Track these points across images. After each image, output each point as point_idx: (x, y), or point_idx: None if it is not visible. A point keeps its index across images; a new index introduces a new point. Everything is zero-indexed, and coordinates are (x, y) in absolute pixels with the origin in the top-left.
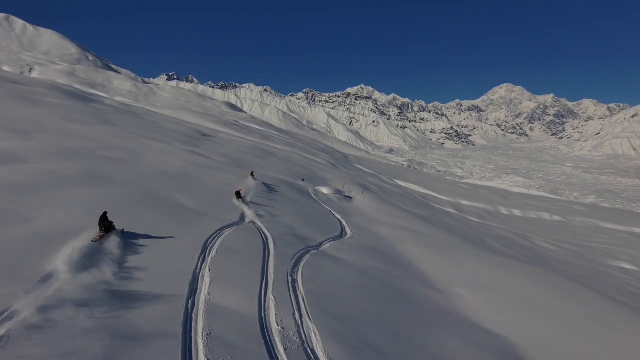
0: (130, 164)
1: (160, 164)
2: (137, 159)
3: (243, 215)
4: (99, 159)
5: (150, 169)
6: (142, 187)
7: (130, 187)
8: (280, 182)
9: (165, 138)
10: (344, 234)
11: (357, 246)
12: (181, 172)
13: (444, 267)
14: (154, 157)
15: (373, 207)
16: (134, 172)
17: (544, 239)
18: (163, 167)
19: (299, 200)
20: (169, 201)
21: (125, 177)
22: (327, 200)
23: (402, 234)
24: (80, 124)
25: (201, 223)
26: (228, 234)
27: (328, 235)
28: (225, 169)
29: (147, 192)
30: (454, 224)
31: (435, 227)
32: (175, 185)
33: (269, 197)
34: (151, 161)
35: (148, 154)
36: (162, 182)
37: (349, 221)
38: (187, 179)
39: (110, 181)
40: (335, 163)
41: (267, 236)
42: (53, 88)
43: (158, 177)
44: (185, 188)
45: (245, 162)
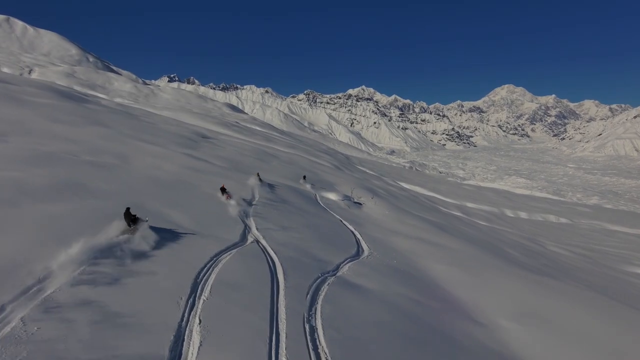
0: (117, 170)
1: (152, 170)
2: (125, 165)
3: (245, 230)
4: (81, 164)
5: (139, 176)
6: (126, 199)
7: (111, 200)
8: (285, 188)
9: (161, 140)
10: (360, 251)
11: (379, 267)
12: (175, 178)
13: (478, 290)
14: (145, 161)
15: (385, 214)
16: (120, 180)
17: (555, 243)
18: (155, 173)
19: (306, 209)
20: (157, 217)
21: (108, 187)
22: (336, 207)
23: (421, 247)
24: (68, 125)
25: (194, 246)
26: (227, 261)
27: (344, 254)
28: (225, 173)
29: (131, 206)
30: (468, 231)
31: (452, 237)
32: (166, 196)
33: (274, 206)
34: (142, 166)
35: (139, 158)
36: (151, 192)
37: (363, 233)
38: (181, 188)
39: (88, 192)
40: (338, 165)
41: (275, 260)
42: (45, 88)
43: (147, 185)
44: (178, 199)
45: (247, 165)
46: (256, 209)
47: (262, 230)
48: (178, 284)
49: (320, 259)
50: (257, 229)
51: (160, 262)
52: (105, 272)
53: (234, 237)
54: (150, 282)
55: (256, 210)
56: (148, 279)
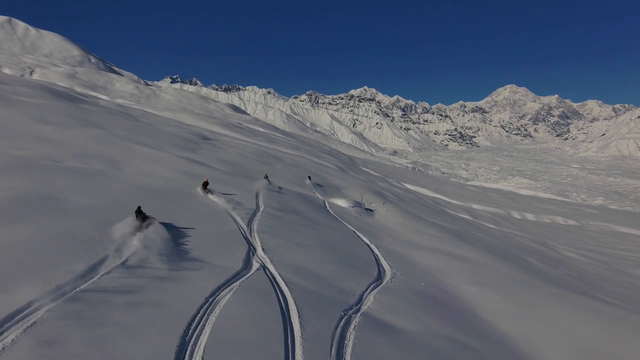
0: (103, 178)
1: (144, 177)
2: (114, 171)
3: (249, 252)
4: (61, 172)
5: (128, 185)
6: (106, 216)
7: (86, 218)
8: (291, 194)
9: (158, 142)
10: (382, 272)
11: (407, 294)
12: (168, 186)
13: (523, 321)
14: (137, 166)
15: (399, 222)
16: (104, 190)
17: (567, 247)
18: (146, 181)
19: (316, 220)
20: None
21: (87, 200)
22: (346, 215)
23: (445, 262)
24: (56, 127)
25: (184, 282)
26: (226, 302)
27: (365, 277)
28: (226, 179)
29: (110, 225)
30: (484, 238)
31: (472, 247)
32: (157, 209)
33: (281, 218)
34: (132, 173)
35: (131, 163)
36: (139, 204)
37: (380, 246)
38: (175, 198)
39: (60, 209)
40: (343, 167)
41: (287, 297)
42: (39, 88)
43: (135, 196)
44: (170, 213)
45: (250, 169)
46: (262, 221)
47: (270, 250)
48: (157, 349)
49: (339, 288)
50: (263, 249)
51: (138, 313)
52: (62, 333)
53: (236, 264)
54: (121, 346)
55: (262, 222)
56: (117, 342)
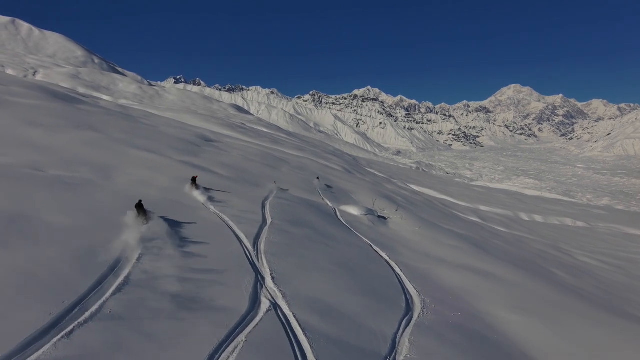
0: (90, 189)
1: (137, 186)
2: (104, 180)
3: (257, 284)
4: (42, 183)
5: (117, 197)
6: (85, 240)
7: (61, 245)
8: (300, 202)
9: (158, 146)
10: (410, 301)
11: (445, 333)
12: (164, 197)
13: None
14: (131, 174)
15: (415, 231)
16: (88, 205)
17: (581, 251)
18: (139, 191)
19: (329, 233)
20: None
21: (65, 220)
22: (359, 224)
23: (474, 281)
24: (47, 130)
25: (176, 343)
26: None
27: (393, 310)
28: (229, 186)
29: (83, 256)
30: (503, 247)
31: (495, 259)
32: (147, 228)
33: (291, 233)
34: (125, 182)
35: (125, 170)
36: (140, 199)
37: (401, 263)
38: (171, 211)
39: (30, 231)
40: (349, 168)
41: (306, 352)
42: (35, 88)
43: (124, 211)
44: None
45: (255, 174)
46: (270, 237)
47: (281, 279)
48: None
49: (367, 329)
50: (273, 278)
51: None
52: None
53: (241, 303)
54: None
55: (270, 240)
56: None
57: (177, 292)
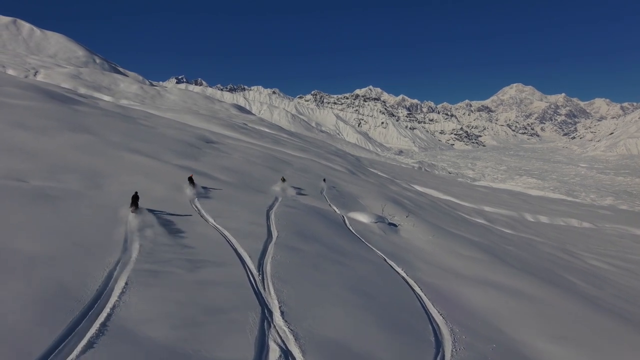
0: (73, 202)
1: (128, 198)
2: (92, 190)
3: (263, 322)
4: (22, 196)
5: (104, 212)
6: (55, 275)
7: (24, 281)
8: (307, 210)
9: (156, 149)
10: (438, 332)
11: None
12: (158, 211)
13: None
14: (124, 182)
15: (429, 240)
16: (68, 224)
17: (589, 253)
18: (127, 202)
19: (339, 246)
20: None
21: (37, 247)
22: (369, 233)
23: (500, 301)
24: (37, 133)
25: None
26: None
27: (422, 349)
28: (230, 194)
29: (52, 296)
30: (517, 254)
31: (515, 271)
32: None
33: (301, 251)
34: (115, 192)
35: (117, 177)
36: (112, 247)
37: (420, 281)
38: (166, 228)
39: None
40: (352, 169)
41: None
42: (30, 88)
43: (108, 232)
44: (158, 255)
45: (257, 179)
46: (277, 257)
47: (292, 314)
48: None
49: None
50: (282, 313)
51: None
52: None
53: (245, 354)
54: None
55: (277, 260)
56: None
57: (166, 343)
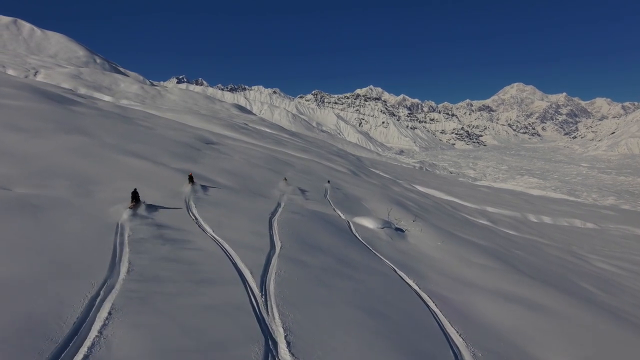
0: (59, 213)
1: (120, 205)
2: (81, 198)
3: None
4: (3, 206)
5: (91, 224)
6: (26, 307)
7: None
8: (311, 216)
9: (153, 151)
10: (459, 359)
11: None
12: (151, 221)
13: None
14: (116, 189)
15: (438, 246)
16: (48, 241)
17: (595, 255)
18: (120, 212)
19: (348, 259)
20: None
21: (8, 270)
22: (376, 239)
23: (522, 317)
24: (30, 135)
25: None
26: None
27: None
28: (231, 200)
29: (18, 335)
30: (526, 258)
31: (527, 278)
32: (124, 274)
33: (306, 265)
34: (105, 200)
35: (110, 183)
36: (94, 270)
37: (433, 294)
38: (157, 242)
39: None
40: (355, 170)
41: None
42: (25, 88)
43: (93, 250)
44: (147, 276)
45: (259, 182)
46: (280, 274)
47: (298, 344)
48: None
49: None
50: (288, 342)
51: None
52: None
53: None
54: None
55: (281, 278)
56: None
57: None
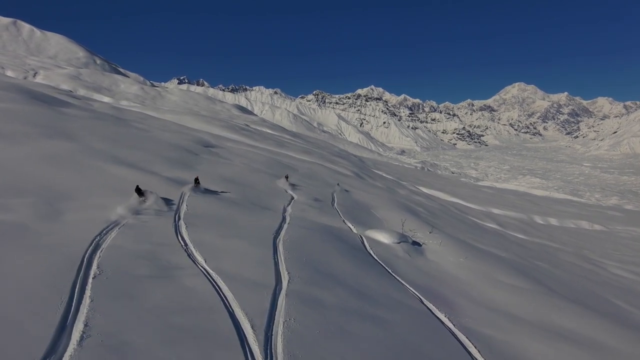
0: (12, 245)
1: (90, 232)
2: (47, 222)
3: None
4: None
5: (45, 264)
6: None
7: None
8: (319, 232)
9: (145, 157)
10: None
11: None
12: (131, 250)
13: None
14: (94, 205)
15: (460, 262)
16: None
17: (609, 260)
18: (92, 239)
19: (364, 288)
20: None
21: None
22: (392, 256)
23: (571, 357)
24: (5, 141)
25: None
26: None
27: None
28: (228, 217)
29: None
30: (548, 270)
31: (561, 299)
32: (93, 319)
33: (321, 304)
34: (76, 223)
35: (87, 198)
36: None
37: (470, 332)
38: (134, 282)
39: None
40: (359, 172)
41: None
42: (11, 88)
43: (43, 300)
44: (120, 323)
45: (261, 190)
46: (290, 323)
47: None
48: None
49: None
50: None
51: None
52: None
53: None
54: None
55: (290, 327)
56: None
57: None
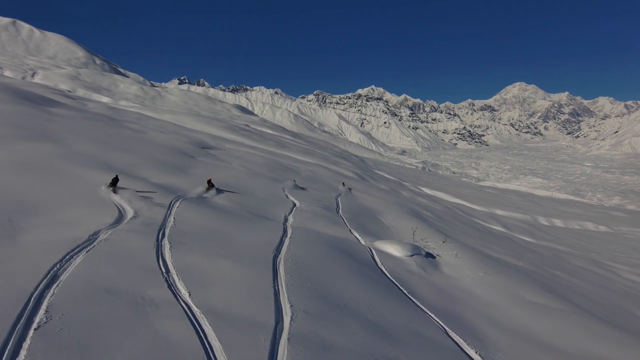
0: None
1: (53, 255)
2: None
3: None
4: None
5: None
6: None
7: None
8: (324, 246)
9: (134, 161)
10: None
11: None
12: (106, 283)
13: None
14: (60, 222)
15: (479, 278)
16: None
17: (619, 264)
18: (41, 269)
19: (383, 321)
20: None
21: None
22: (405, 272)
23: None
24: None
25: None
26: None
27: None
28: (221, 233)
29: None
30: (568, 281)
31: (595, 320)
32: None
33: (327, 350)
34: (33, 243)
35: (55, 214)
36: None
37: None
38: (109, 329)
39: None
40: (361, 174)
41: None
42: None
43: None
44: None
45: (261, 197)
46: (295, 352)
47: None
48: None
49: None
50: None
51: None
52: None
53: None
54: None
55: None
56: None
57: None
